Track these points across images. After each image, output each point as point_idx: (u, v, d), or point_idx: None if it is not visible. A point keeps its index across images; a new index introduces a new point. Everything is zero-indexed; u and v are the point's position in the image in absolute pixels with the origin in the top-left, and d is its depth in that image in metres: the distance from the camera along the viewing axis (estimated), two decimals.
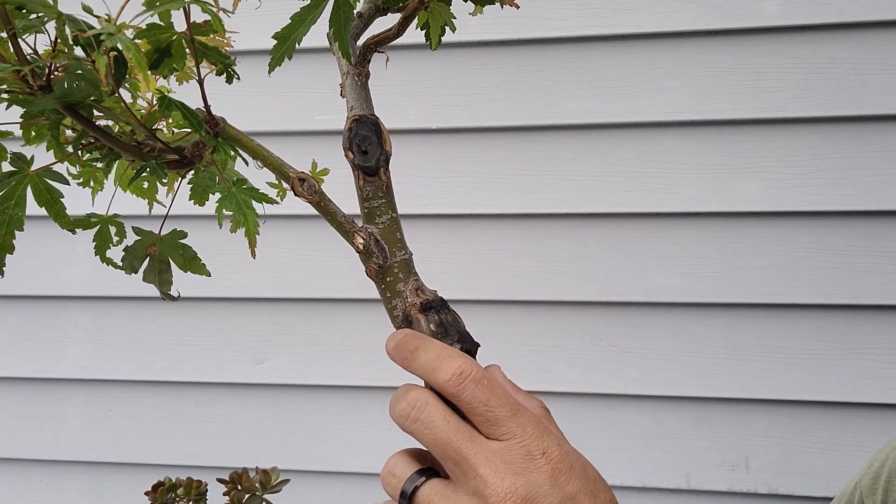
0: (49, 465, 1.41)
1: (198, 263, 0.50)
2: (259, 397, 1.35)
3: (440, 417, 0.38)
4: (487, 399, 0.38)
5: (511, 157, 1.25)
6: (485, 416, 0.38)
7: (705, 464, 1.24)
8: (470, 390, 0.38)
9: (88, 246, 0.50)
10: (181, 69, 0.40)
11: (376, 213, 0.45)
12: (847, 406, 1.20)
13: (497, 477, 0.36)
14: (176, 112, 0.38)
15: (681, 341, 1.23)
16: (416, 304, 0.44)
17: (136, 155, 0.40)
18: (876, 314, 1.18)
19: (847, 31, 1.15)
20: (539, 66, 1.23)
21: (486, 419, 0.38)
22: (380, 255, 0.44)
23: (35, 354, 1.39)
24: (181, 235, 0.50)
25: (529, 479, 0.37)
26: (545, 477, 0.37)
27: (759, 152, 1.19)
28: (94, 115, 0.38)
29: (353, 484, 1.34)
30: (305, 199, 0.43)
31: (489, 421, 0.38)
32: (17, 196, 0.40)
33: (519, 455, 0.37)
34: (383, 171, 0.45)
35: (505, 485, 0.36)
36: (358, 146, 0.44)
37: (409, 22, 0.44)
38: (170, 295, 0.50)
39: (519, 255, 1.26)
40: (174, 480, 0.66)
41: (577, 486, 0.37)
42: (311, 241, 1.30)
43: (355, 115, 0.45)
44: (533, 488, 0.36)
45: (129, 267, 0.49)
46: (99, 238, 0.49)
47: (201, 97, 0.40)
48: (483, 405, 0.38)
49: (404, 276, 0.45)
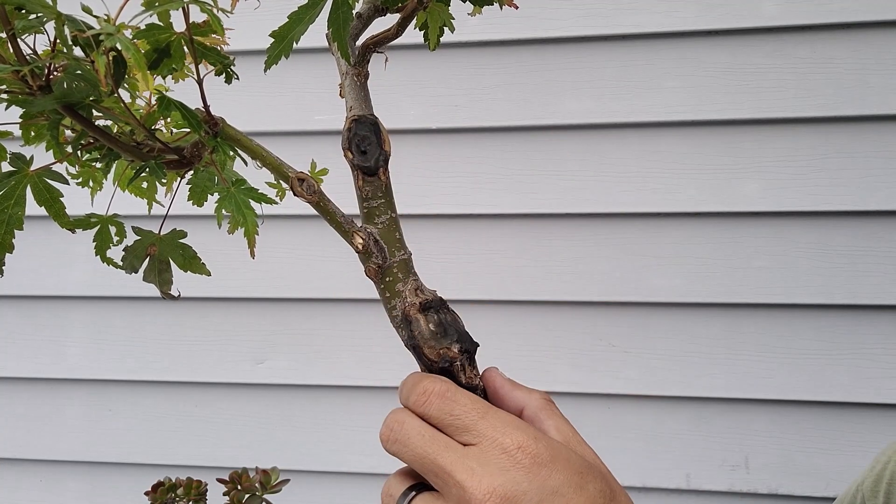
0: (49, 465, 1.41)
1: (198, 263, 0.50)
2: (259, 397, 1.35)
3: (415, 434, 0.40)
4: (451, 409, 0.40)
5: (511, 157, 1.25)
6: (454, 424, 0.40)
7: (705, 464, 1.24)
8: (435, 405, 0.40)
9: (88, 246, 0.50)
10: (180, 69, 0.40)
11: (375, 213, 0.45)
12: (847, 406, 1.20)
13: (475, 480, 0.37)
14: (175, 112, 0.38)
15: (681, 341, 1.23)
16: (415, 304, 0.44)
17: (136, 155, 0.40)
18: (876, 314, 1.18)
19: (847, 31, 1.15)
20: (539, 66, 1.23)
21: (457, 428, 0.39)
22: (379, 255, 0.44)
23: (35, 354, 1.39)
24: (181, 235, 0.50)
25: (507, 478, 0.37)
26: (523, 473, 0.37)
27: (759, 152, 1.19)
28: (94, 116, 0.38)
29: (353, 484, 1.34)
30: (304, 199, 0.43)
31: (460, 429, 0.39)
32: (16, 196, 0.40)
33: (494, 455, 0.38)
34: (382, 171, 0.45)
35: (483, 486, 0.36)
36: (357, 146, 0.44)
37: (408, 22, 0.44)
38: (170, 294, 0.50)
39: (519, 255, 1.26)
40: (174, 480, 0.66)
41: (560, 479, 0.37)
42: (311, 241, 1.30)
43: (354, 116, 0.45)
44: (512, 486, 0.36)
45: (130, 266, 0.49)
46: (99, 238, 0.49)
47: (200, 97, 0.40)
48: (448, 415, 0.40)
49: (403, 276, 0.45)
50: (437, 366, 0.44)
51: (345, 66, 0.46)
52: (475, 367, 0.45)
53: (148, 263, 0.49)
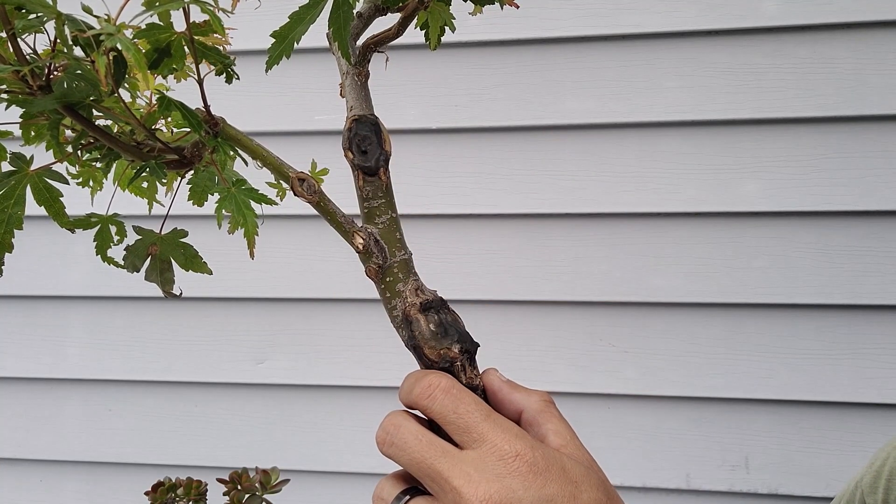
0: (49, 465, 1.41)
1: (199, 262, 0.50)
2: (259, 397, 1.35)
3: (412, 438, 0.40)
4: (456, 406, 0.40)
5: (511, 157, 1.25)
6: (455, 423, 0.40)
7: (705, 464, 1.24)
8: (439, 400, 0.40)
9: (88, 246, 0.50)
10: (180, 69, 0.40)
11: (376, 213, 0.45)
12: (847, 406, 1.20)
13: (471, 486, 0.37)
14: (175, 112, 0.38)
15: (681, 341, 1.23)
16: (415, 305, 0.44)
17: (136, 155, 0.40)
18: (876, 314, 1.18)
19: (847, 31, 1.15)
20: (539, 66, 1.23)
21: (458, 426, 0.39)
22: (379, 255, 0.44)
23: (35, 354, 1.39)
24: (182, 234, 0.50)
25: (504, 485, 0.37)
26: (519, 481, 0.37)
27: (759, 152, 1.19)
28: (94, 116, 0.38)
29: (353, 484, 1.34)
30: (305, 199, 0.43)
31: (460, 428, 0.39)
32: (16, 195, 0.40)
33: (492, 460, 0.38)
34: (383, 171, 0.45)
35: (479, 493, 0.36)
36: (357, 146, 0.44)
37: (409, 22, 0.44)
38: (172, 293, 0.50)
39: (519, 255, 1.26)
40: (174, 480, 0.66)
41: (554, 489, 0.37)
42: (311, 241, 1.30)
43: (355, 115, 0.45)
44: (507, 493, 0.37)
45: (131, 266, 0.49)
46: (100, 238, 0.49)
47: (201, 97, 0.40)
48: (452, 413, 0.40)
49: (404, 277, 0.45)
50: (437, 366, 0.44)
51: (345, 66, 0.46)
52: (475, 368, 0.45)
53: (150, 263, 0.49)
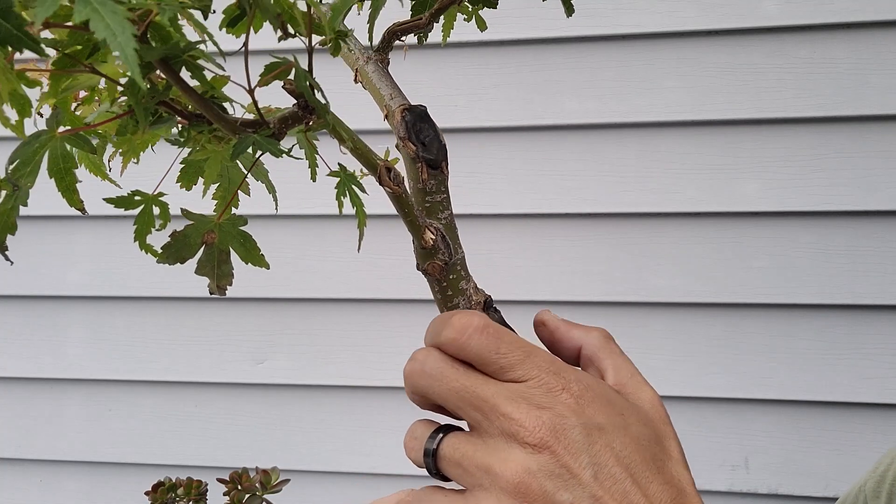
0: (49, 465, 1.41)
1: (258, 254, 0.43)
2: (259, 397, 1.35)
3: (447, 366, 0.37)
4: (497, 346, 0.36)
5: (511, 157, 1.25)
6: (497, 363, 0.36)
7: (705, 464, 1.24)
8: (476, 340, 0.36)
9: (88, 246, 0.49)
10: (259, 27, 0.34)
11: (438, 207, 0.42)
12: (847, 406, 1.20)
13: (522, 412, 0.35)
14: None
15: (681, 341, 1.23)
16: (480, 303, 0.44)
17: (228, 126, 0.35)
18: (876, 314, 1.18)
19: (847, 31, 1.15)
20: (539, 66, 1.23)
21: (500, 366, 0.36)
22: (446, 251, 0.42)
23: (35, 354, 1.39)
24: (241, 222, 0.42)
25: (555, 412, 0.35)
26: (569, 409, 0.35)
27: (759, 152, 1.19)
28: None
29: (353, 484, 1.34)
30: (389, 189, 0.40)
31: (503, 368, 0.36)
32: (34, 162, 0.35)
33: (539, 392, 0.36)
34: (445, 164, 0.42)
35: (531, 418, 0.35)
36: (417, 136, 0.42)
37: (442, 13, 0.43)
38: (224, 290, 0.44)
39: (519, 255, 1.26)
40: (174, 480, 0.66)
41: (604, 418, 0.36)
42: (311, 242, 1.30)
43: (404, 105, 0.42)
44: (559, 420, 0.35)
45: (175, 257, 0.41)
46: (141, 221, 0.41)
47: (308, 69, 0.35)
48: (494, 353, 0.36)
49: (465, 274, 0.44)
50: None
51: (365, 52, 0.44)
52: None
53: (204, 253, 0.42)
